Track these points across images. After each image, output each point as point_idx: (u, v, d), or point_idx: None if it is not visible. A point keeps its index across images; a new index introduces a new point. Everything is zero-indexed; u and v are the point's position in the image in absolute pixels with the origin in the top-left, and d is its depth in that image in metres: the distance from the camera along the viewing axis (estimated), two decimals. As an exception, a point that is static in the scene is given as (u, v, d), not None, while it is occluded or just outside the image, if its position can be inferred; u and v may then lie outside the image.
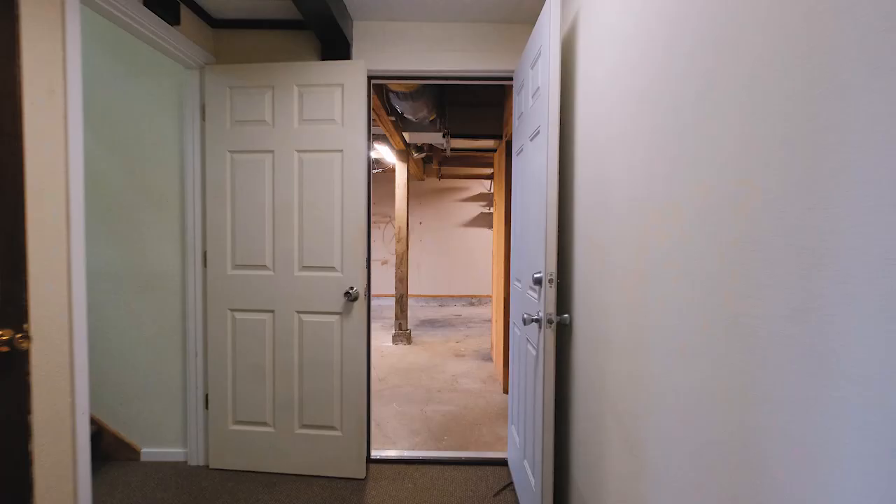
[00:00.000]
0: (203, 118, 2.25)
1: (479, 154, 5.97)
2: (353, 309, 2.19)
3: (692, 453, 0.80)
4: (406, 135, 4.29)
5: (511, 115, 3.24)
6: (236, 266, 2.26)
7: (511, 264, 2.28)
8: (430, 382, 3.82)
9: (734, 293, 0.69)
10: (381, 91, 3.26)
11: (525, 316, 1.59)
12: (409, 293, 7.48)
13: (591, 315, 1.39)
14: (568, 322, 1.58)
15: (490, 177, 7.42)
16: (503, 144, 3.74)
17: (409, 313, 7.04)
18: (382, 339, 5.39)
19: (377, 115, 3.55)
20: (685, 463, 0.82)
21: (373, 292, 8.05)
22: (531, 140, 1.82)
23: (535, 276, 1.58)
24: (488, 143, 4.34)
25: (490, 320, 6.63)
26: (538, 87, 1.69)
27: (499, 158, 4.17)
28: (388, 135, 4.33)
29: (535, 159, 1.74)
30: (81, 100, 1.45)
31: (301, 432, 2.23)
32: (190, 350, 2.31)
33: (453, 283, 8.00)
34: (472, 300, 7.96)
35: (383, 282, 7.84)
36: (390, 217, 7.86)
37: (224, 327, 2.27)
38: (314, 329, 2.21)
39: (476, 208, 8.00)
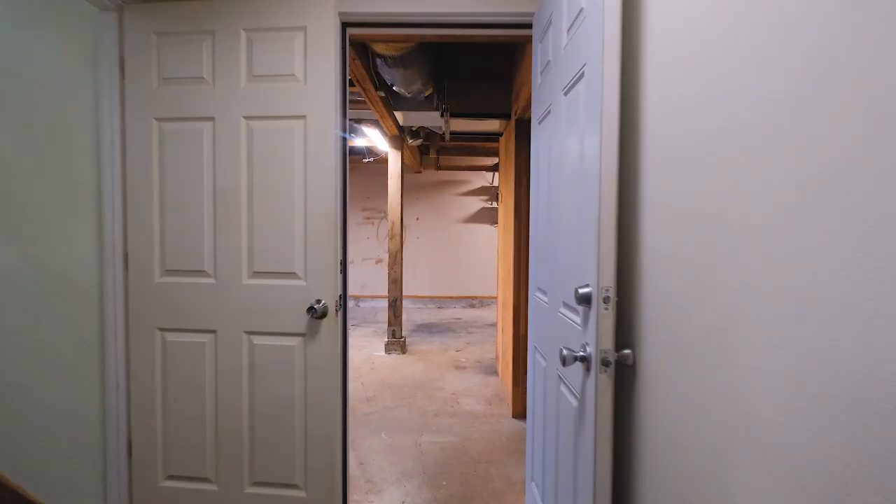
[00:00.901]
0: (122, 76, 1.70)
1: (480, 145, 5.43)
2: (321, 329, 1.64)
3: None
4: (399, 115, 3.74)
5: (523, 83, 2.69)
6: (167, 272, 1.71)
7: (531, 270, 1.73)
8: (426, 403, 3.28)
9: None
10: (365, 56, 2.71)
11: (565, 352, 1.04)
12: (405, 294, 6.94)
13: (680, 355, 0.85)
14: (630, 361, 1.03)
15: (493, 168, 6.86)
16: (512, 124, 3.19)
17: (405, 316, 6.50)
18: (375, 346, 4.85)
19: (363, 88, 3.00)
20: None
21: (368, 293, 7.55)
22: (566, 93, 1.27)
23: (581, 291, 1.04)
24: (493, 126, 3.79)
25: (494, 324, 6.10)
26: (581, 9, 1.14)
27: (506, 142, 3.62)
28: (378, 117, 3.78)
29: (573, 118, 1.20)
30: None
31: (252, 491, 1.69)
32: (109, 380, 1.76)
33: (453, 283, 7.45)
34: (473, 302, 7.42)
35: (379, 282, 7.30)
36: (385, 212, 7.30)
37: (151, 351, 1.72)
38: (269, 355, 1.67)
39: (477, 203, 7.44)
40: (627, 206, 1.07)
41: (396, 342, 4.61)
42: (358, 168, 7.23)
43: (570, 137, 1.22)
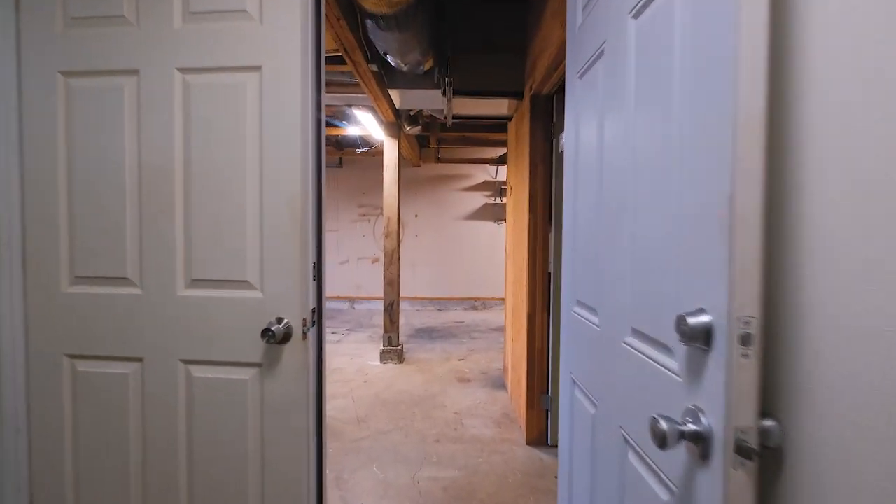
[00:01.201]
0: (17, 14, 1.27)
1: (483, 135, 5.01)
2: (283, 357, 1.21)
3: None
4: (395, 96, 3.30)
5: (541, 51, 2.25)
6: (78, 279, 1.28)
7: (565, 276, 1.30)
8: (425, 424, 2.86)
9: None
10: (353, 16, 2.27)
11: (664, 426, 0.61)
12: (403, 296, 6.51)
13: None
14: (776, 441, 0.60)
15: (497, 161, 6.43)
16: (526, 103, 2.75)
17: (403, 320, 6.07)
18: (369, 355, 4.42)
19: (352, 60, 2.57)
20: None
21: (364, 294, 7.10)
22: (638, 14, 0.83)
23: (692, 320, 0.61)
24: (501, 109, 3.36)
25: (499, 329, 5.65)
26: None
27: (517, 126, 3.19)
28: (372, 98, 3.35)
29: (659, 44, 0.76)
30: None
31: (192, 575, 1.26)
32: (7, 422, 1.33)
33: (454, 284, 7.02)
34: (476, 304, 6.99)
35: (375, 282, 6.86)
36: (382, 208, 6.87)
37: (58, 385, 1.29)
38: (214, 391, 1.24)
39: (480, 198, 7.01)
40: (779, 191, 0.64)
41: (392, 350, 4.18)
42: (353, 160, 6.80)
43: (651, 77, 0.79)
